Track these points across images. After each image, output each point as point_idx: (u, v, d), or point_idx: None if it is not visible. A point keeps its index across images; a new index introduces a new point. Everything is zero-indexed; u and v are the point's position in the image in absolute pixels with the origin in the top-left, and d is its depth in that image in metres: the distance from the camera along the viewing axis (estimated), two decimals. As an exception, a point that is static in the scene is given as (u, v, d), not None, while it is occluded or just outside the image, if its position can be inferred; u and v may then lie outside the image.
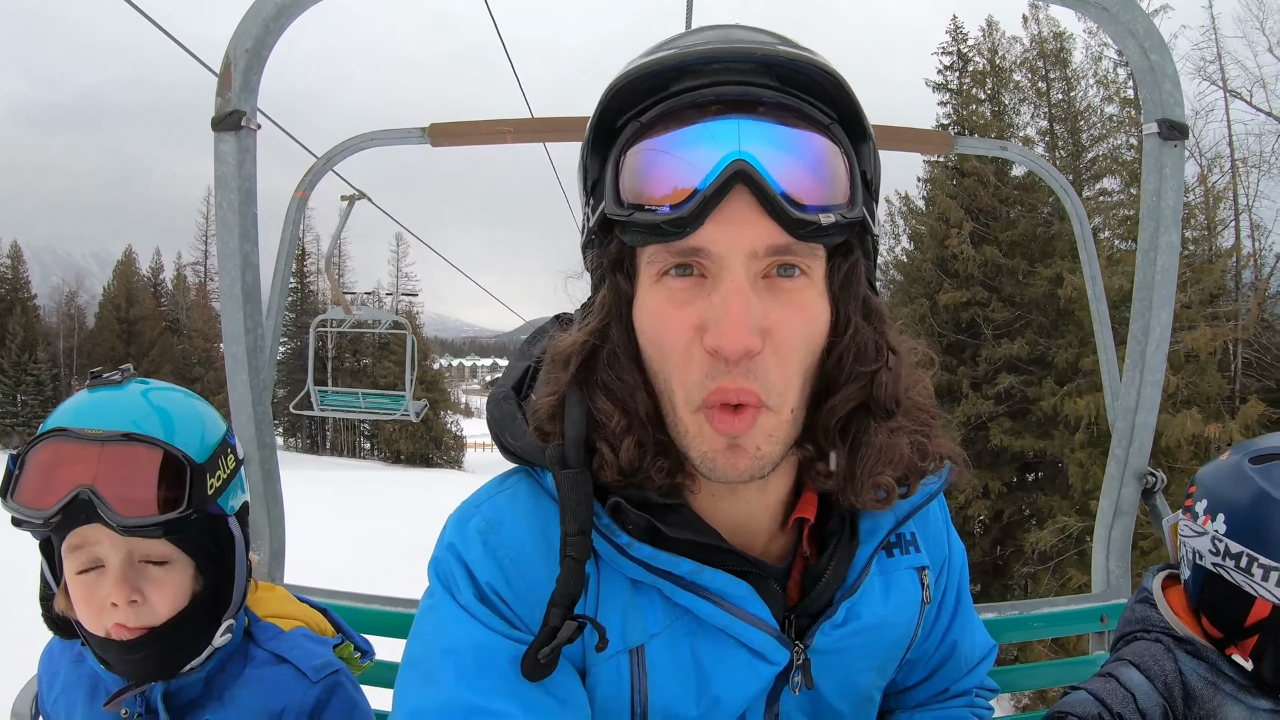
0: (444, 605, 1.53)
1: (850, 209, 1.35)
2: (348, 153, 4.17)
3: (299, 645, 2.16)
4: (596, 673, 1.52)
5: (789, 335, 1.35)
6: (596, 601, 1.52)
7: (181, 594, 1.96)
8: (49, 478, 1.83)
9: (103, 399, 1.94)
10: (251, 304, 3.02)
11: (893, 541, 1.70)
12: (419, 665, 1.51)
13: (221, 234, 2.96)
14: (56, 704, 2.17)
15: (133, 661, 1.93)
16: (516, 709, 1.40)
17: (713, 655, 1.52)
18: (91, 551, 1.89)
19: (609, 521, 1.48)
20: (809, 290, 1.38)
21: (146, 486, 1.84)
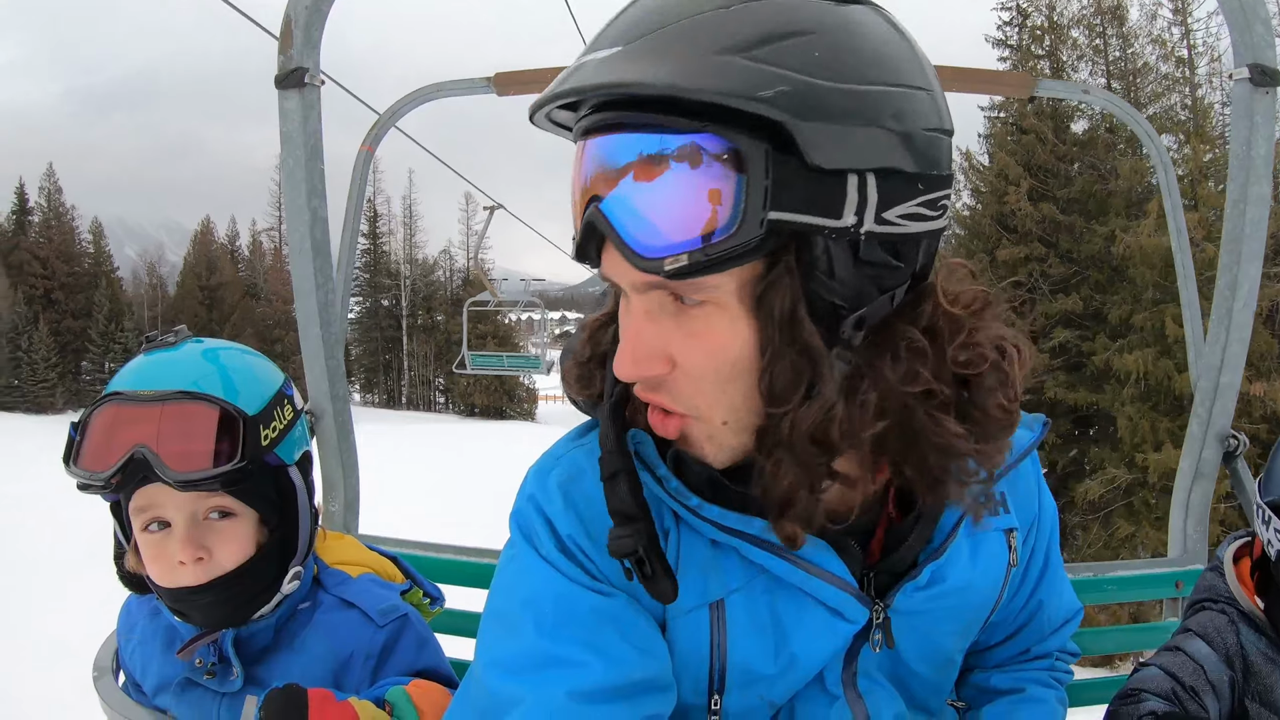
0: (525, 556, 1.50)
1: (725, 234, 1.13)
2: (414, 104, 4.12)
3: (366, 590, 2.16)
4: (675, 627, 1.49)
5: (692, 364, 1.29)
6: (677, 559, 1.47)
7: (247, 545, 1.97)
8: (107, 441, 1.84)
9: (157, 360, 1.95)
10: (321, 258, 3.01)
11: (982, 502, 1.57)
12: (500, 616, 1.50)
13: (289, 191, 2.96)
14: (134, 656, 2.20)
15: (203, 607, 1.95)
16: (596, 659, 1.37)
17: (791, 612, 1.47)
18: (156, 511, 1.91)
19: (679, 485, 1.43)
20: (715, 316, 1.24)
21: (201, 441, 1.85)
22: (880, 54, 1.18)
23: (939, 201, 1.23)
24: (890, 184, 1.16)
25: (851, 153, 1.13)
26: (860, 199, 1.14)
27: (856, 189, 1.14)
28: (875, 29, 1.20)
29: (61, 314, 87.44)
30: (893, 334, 1.26)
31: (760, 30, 1.12)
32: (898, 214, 1.18)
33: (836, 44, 1.15)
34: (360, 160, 4.20)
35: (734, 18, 1.14)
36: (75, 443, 1.89)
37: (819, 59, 1.12)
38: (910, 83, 1.20)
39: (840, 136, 1.12)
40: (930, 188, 1.21)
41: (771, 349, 1.22)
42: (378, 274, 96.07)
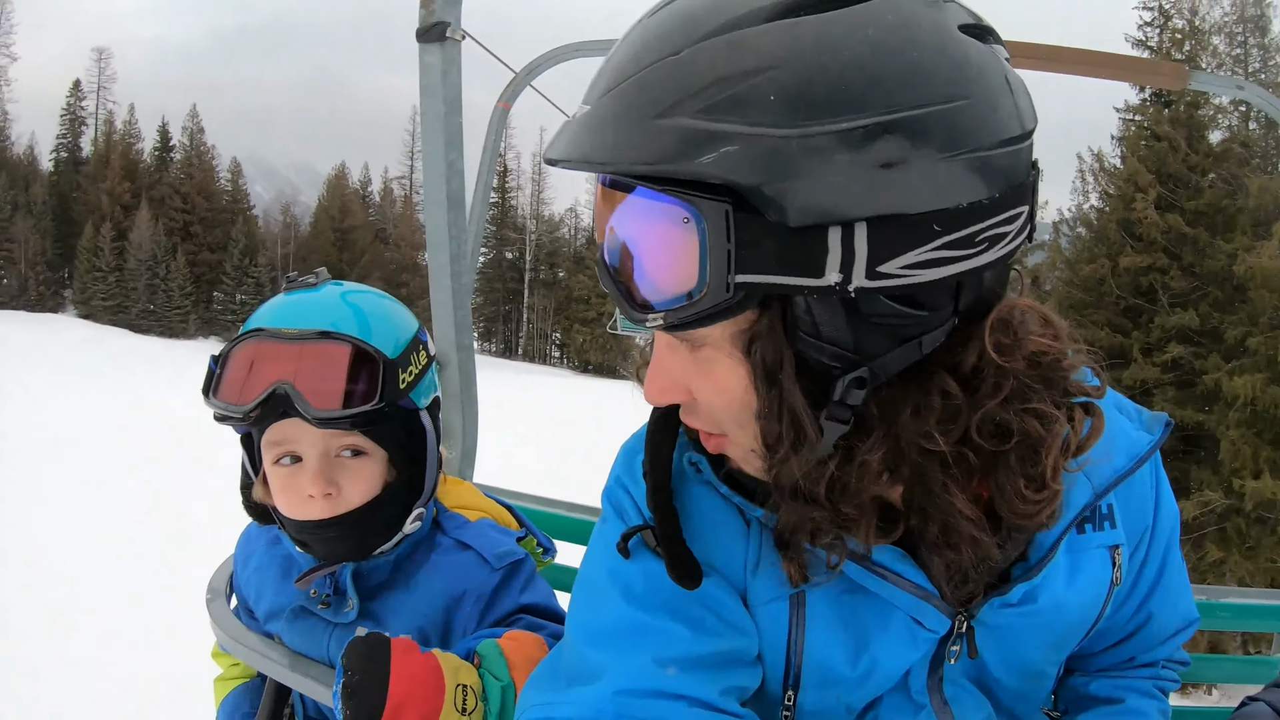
0: (615, 531, 1.49)
1: (694, 296, 1.06)
2: (551, 63, 4.11)
3: (483, 534, 2.16)
4: (757, 617, 1.45)
5: (705, 399, 1.26)
6: (759, 552, 1.43)
7: (375, 483, 1.99)
8: (248, 375, 1.87)
9: (299, 300, 1.97)
10: (455, 211, 3.03)
11: (1087, 516, 1.47)
12: (590, 585, 1.51)
13: (427, 143, 2.98)
14: (249, 583, 2.24)
15: (327, 541, 1.98)
16: (683, 627, 1.37)
17: (872, 616, 1.42)
18: (290, 446, 1.94)
19: (741, 500, 1.42)
20: (718, 358, 1.20)
21: (341, 380, 1.87)
22: (879, 70, 1.01)
23: (978, 236, 1.06)
24: (888, 232, 1.02)
25: (828, 204, 1.00)
26: (845, 254, 1.01)
27: (840, 243, 1.01)
28: (874, 36, 1.02)
29: (198, 246, 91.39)
30: (922, 380, 1.14)
31: (708, 77, 1.03)
32: (902, 265, 1.03)
33: (806, 75, 1.00)
34: (495, 116, 4.21)
35: (682, 67, 1.05)
36: (215, 375, 1.92)
37: (775, 103, 1.00)
38: (932, 98, 1.02)
39: (810, 188, 1.00)
40: (959, 224, 1.04)
41: (760, 400, 1.17)
42: (504, 227, 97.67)
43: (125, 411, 23.95)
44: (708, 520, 1.46)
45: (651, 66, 1.07)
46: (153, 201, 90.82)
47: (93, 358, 41.57)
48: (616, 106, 1.08)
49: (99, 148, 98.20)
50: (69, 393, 25.73)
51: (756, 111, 0.99)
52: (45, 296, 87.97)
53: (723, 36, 1.04)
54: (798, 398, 1.13)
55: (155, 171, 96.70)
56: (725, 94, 1.01)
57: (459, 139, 3.03)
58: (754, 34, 1.03)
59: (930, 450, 1.18)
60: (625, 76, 1.09)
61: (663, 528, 1.39)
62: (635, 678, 1.34)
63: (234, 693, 2.37)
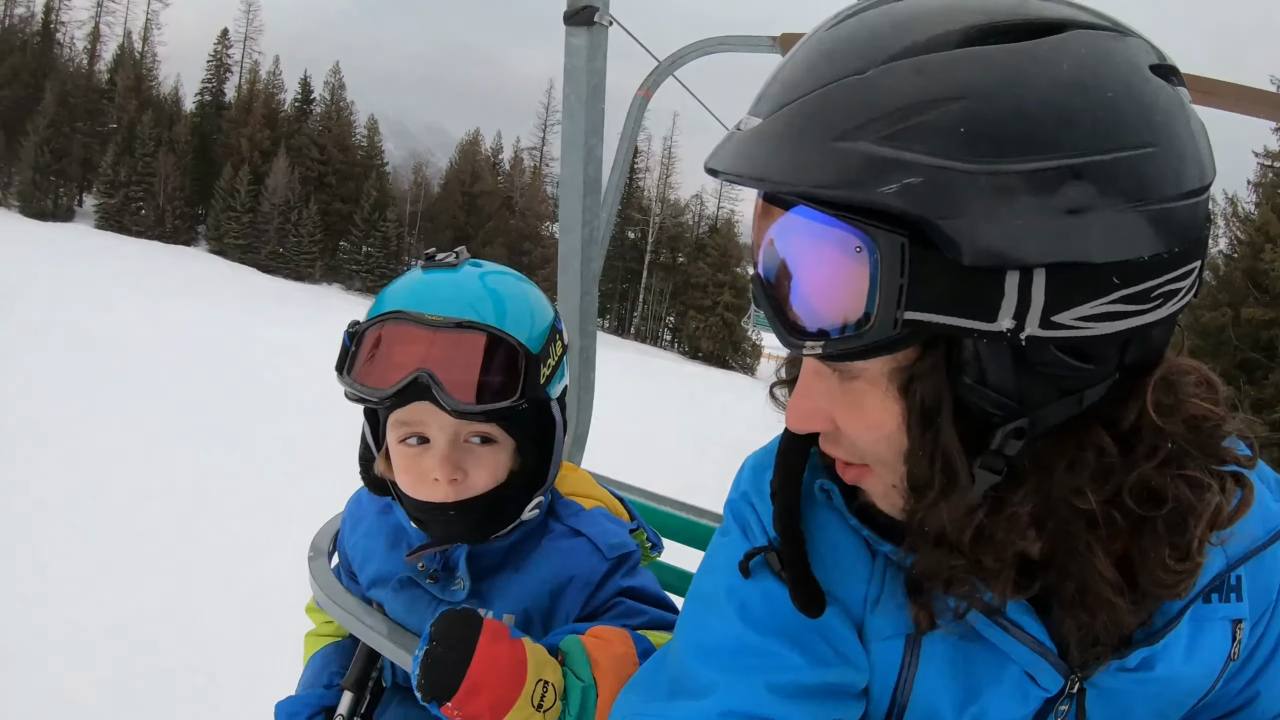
0: (736, 546, 1.47)
1: (859, 328, 1.02)
2: (694, 55, 4.06)
3: (597, 523, 2.15)
4: (870, 651, 1.42)
5: (849, 431, 1.22)
6: (881, 587, 1.40)
7: (501, 471, 1.98)
8: (387, 359, 1.86)
9: (439, 281, 1.94)
10: (591, 196, 3.02)
11: (1214, 586, 1.40)
12: (705, 598, 1.48)
13: (567, 126, 2.98)
14: (356, 547, 2.25)
15: (446, 524, 1.98)
16: (799, 656, 1.35)
17: (985, 666, 1.38)
18: (419, 428, 1.93)
19: (870, 533, 1.39)
20: (868, 392, 1.16)
21: (483, 373, 1.85)
22: (1072, 110, 0.96)
23: (1154, 291, 1.01)
24: (1068, 281, 0.97)
25: (1010, 246, 0.95)
26: (1021, 300, 0.96)
27: (1017, 288, 0.96)
28: (1069, 73, 0.97)
29: (331, 197, 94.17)
30: (1078, 435, 1.10)
31: (894, 102, 0.98)
32: (1078, 316, 0.98)
33: (997, 109, 0.95)
34: (635, 104, 4.18)
35: (868, 88, 1.00)
36: (351, 353, 1.91)
37: (963, 135, 0.94)
38: (1124, 144, 0.97)
39: (993, 229, 0.94)
40: (1138, 277, 0.99)
41: (912, 440, 1.13)
42: (629, 207, 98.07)
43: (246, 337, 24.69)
44: (833, 548, 1.43)
45: (833, 85, 1.03)
46: (291, 150, 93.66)
47: (224, 288, 43.06)
48: (793, 123, 1.04)
49: (242, 95, 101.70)
50: (199, 317, 26.67)
51: (943, 143, 0.95)
52: (180, 230, 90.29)
53: (910, 60, 1.00)
54: (954, 442, 1.09)
55: (294, 121, 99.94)
56: (911, 121, 0.96)
57: (600, 124, 3.03)
58: (943, 60, 0.99)
59: (1078, 508, 1.13)
60: (803, 92, 1.05)
61: (789, 552, 1.37)
62: (744, 700, 1.32)
63: (324, 650, 2.38)
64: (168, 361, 18.78)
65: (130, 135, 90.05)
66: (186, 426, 13.64)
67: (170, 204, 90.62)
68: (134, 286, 32.68)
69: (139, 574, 7.83)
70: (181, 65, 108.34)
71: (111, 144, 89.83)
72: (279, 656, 3.20)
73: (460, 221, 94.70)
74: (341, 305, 48.39)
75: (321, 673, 2.32)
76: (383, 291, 1.99)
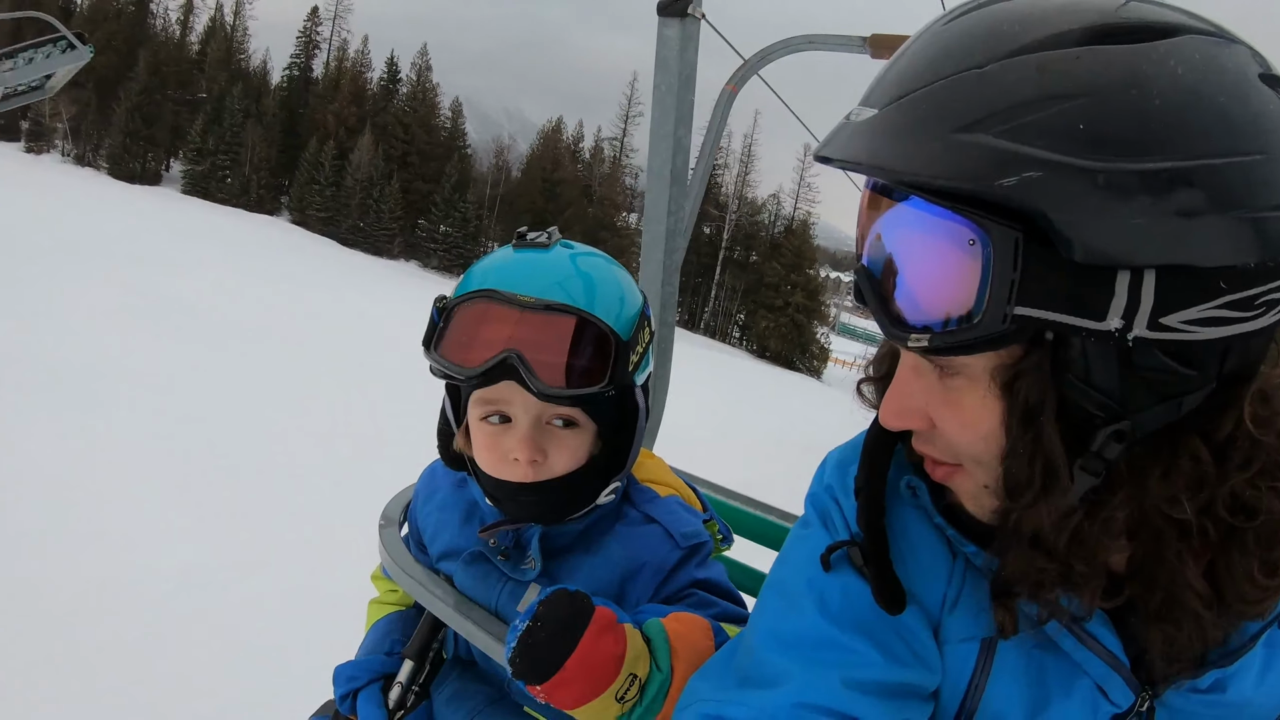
0: (818, 539, 1.46)
1: (966, 322, 1.03)
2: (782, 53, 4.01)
3: (671, 511, 2.10)
4: (943, 655, 1.40)
5: (946, 429, 1.22)
6: (959, 592, 1.39)
7: (581, 454, 1.95)
8: (475, 337, 1.83)
9: (531, 260, 1.91)
10: (678, 186, 3.00)
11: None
12: (783, 590, 1.46)
13: (657, 116, 2.96)
14: (429, 518, 2.23)
15: (522, 504, 1.96)
16: (876, 652, 1.33)
17: (1058, 678, 1.36)
18: (502, 406, 1.90)
19: (955, 533, 1.37)
20: (968, 390, 1.16)
21: (573, 356, 1.82)
22: (1187, 114, 0.96)
23: (1258, 299, 1.00)
24: (1176, 283, 0.97)
25: (1123, 246, 0.96)
26: (1131, 300, 0.97)
27: (1127, 288, 0.97)
28: (1187, 78, 0.98)
29: (413, 176, 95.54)
30: (1174, 442, 1.10)
31: (1015, 97, 0.99)
32: (1184, 319, 0.98)
33: (1116, 109, 0.96)
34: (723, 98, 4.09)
35: (988, 81, 1.01)
36: (438, 329, 1.88)
37: (1085, 133, 0.95)
38: (1234, 149, 0.97)
39: (1107, 227, 0.95)
40: (1244, 284, 0.99)
41: (1012, 439, 1.12)
42: (706, 202, 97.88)
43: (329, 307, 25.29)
44: (914, 546, 1.42)
45: (953, 77, 1.04)
46: (376, 128, 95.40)
47: (304, 259, 44.11)
48: (912, 114, 1.05)
49: (330, 71, 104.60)
50: (278, 283, 27.40)
51: (1063, 140, 0.95)
52: (264, 200, 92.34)
53: (1032, 56, 1.01)
54: (1056, 442, 1.09)
55: (380, 100, 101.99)
56: (1032, 117, 0.97)
57: (689, 115, 3.02)
58: (1064, 58, 0.99)
59: (1171, 517, 1.13)
60: (922, 83, 1.06)
61: (873, 548, 1.36)
62: (818, 693, 1.31)
63: (388, 618, 2.37)
64: (247, 322, 19.20)
65: (220, 105, 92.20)
66: (262, 388, 13.98)
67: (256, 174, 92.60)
68: (224, 248, 33.62)
69: (217, 530, 8.02)
70: (270, 38, 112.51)
71: (201, 113, 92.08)
72: (343, 620, 3.22)
73: (539, 206, 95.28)
74: (418, 281, 48.96)
75: (383, 640, 2.30)
76: (471, 268, 1.97)
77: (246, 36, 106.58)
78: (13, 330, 13.48)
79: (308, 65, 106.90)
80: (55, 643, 5.87)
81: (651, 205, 3.06)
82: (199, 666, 5.94)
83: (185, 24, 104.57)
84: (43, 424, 9.97)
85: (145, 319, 16.94)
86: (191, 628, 6.38)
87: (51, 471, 8.78)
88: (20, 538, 7.14)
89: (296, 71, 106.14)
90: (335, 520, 8.38)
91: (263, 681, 5.67)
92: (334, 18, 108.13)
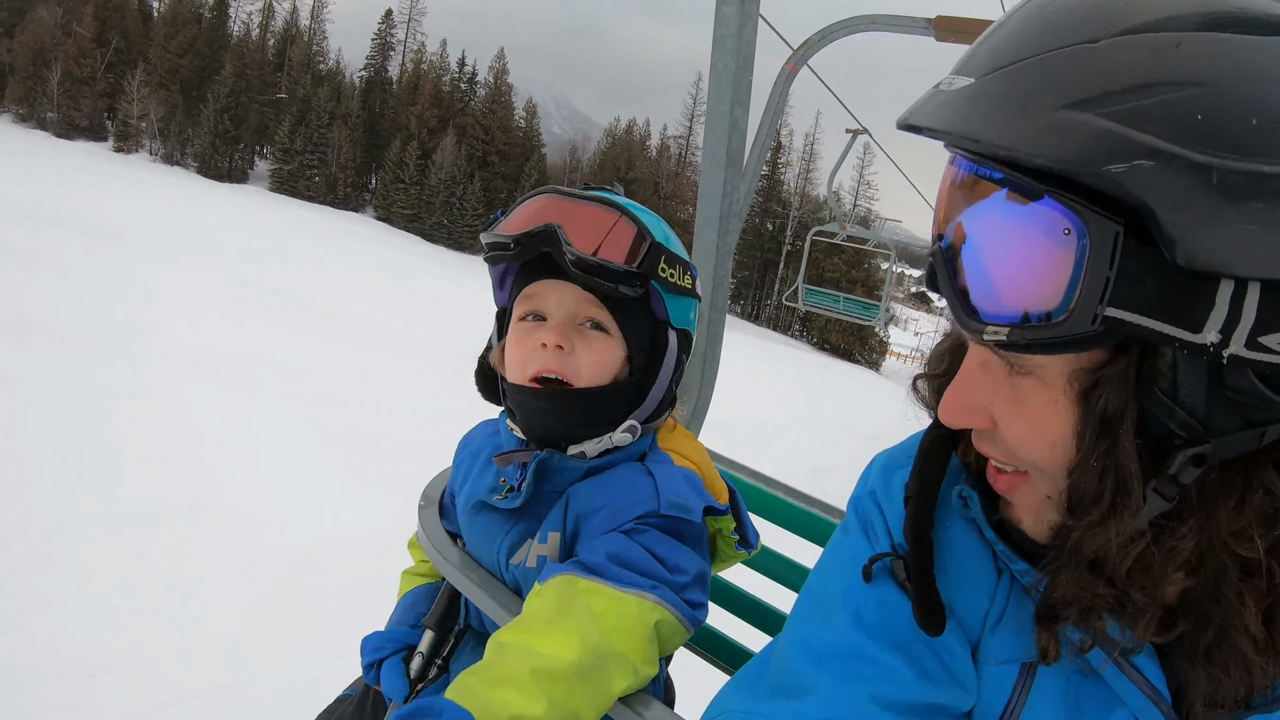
0: (857, 546, 1.40)
1: (1052, 318, 0.93)
2: (844, 32, 3.91)
3: (674, 479, 2.00)
4: (981, 674, 1.31)
5: (1009, 431, 1.11)
6: (1002, 612, 1.29)
7: (607, 365, 1.97)
8: (525, 217, 1.93)
9: (591, 191, 2.03)
10: (733, 168, 2.91)
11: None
12: (819, 597, 1.40)
13: (714, 95, 2.85)
14: (461, 465, 2.27)
15: (540, 411, 1.97)
16: (909, 669, 1.25)
17: (1095, 706, 1.25)
18: (539, 303, 1.97)
19: (1005, 549, 1.25)
20: (1038, 392, 1.05)
21: (606, 235, 1.90)
22: None
23: None
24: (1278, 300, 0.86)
25: (1230, 253, 0.85)
26: (1231, 313, 0.86)
27: (1229, 300, 0.86)
28: None
29: (494, 175, 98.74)
30: (1248, 474, 0.98)
31: (1129, 78, 0.87)
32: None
33: (1236, 102, 0.84)
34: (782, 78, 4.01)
35: (1100, 58, 0.90)
36: (495, 220, 2.00)
37: (1203, 124, 0.84)
38: None
39: (1217, 230, 0.84)
40: None
41: (1084, 450, 1.02)
42: (770, 200, 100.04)
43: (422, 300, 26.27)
44: (960, 559, 1.33)
45: (1060, 50, 0.92)
46: (457, 129, 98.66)
47: (394, 254, 46.17)
48: (1014, 85, 0.94)
49: (408, 74, 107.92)
50: (374, 273, 28.64)
51: (1177, 130, 0.84)
52: (350, 197, 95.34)
53: (1147, 35, 0.89)
54: (1133, 458, 0.98)
55: (459, 100, 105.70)
56: (1148, 100, 0.86)
57: (746, 96, 2.88)
58: (1184, 41, 0.88)
59: (1236, 553, 1.01)
60: (1027, 54, 0.95)
61: (918, 563, 1.27)
62: (847, 708, 1.24)
63: (416, 590, 2.36)
64: (350, 310, 19.97)
65: (306, 107, 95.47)
66: (378, 372, 15.03)
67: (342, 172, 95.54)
68: (319, 242, 35.03)
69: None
70: (341, 39, 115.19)
71: (287, 114, 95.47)
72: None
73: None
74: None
75: (409, 612, 2.30)
76: None
77: (325, 40, 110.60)
78: (149, 318, 14.70)
79: (383, 67, 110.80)
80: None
81: (707, 186, 2.93)
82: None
83: (265, 27, 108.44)
84: (196, 405, 10.98)
85: (256, 308, 17.64)
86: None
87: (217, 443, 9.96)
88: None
89: (371, 73, 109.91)
90: (396, 491, 8.87)
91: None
92: (408, 20, 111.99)
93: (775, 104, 3.98)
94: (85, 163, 54.60)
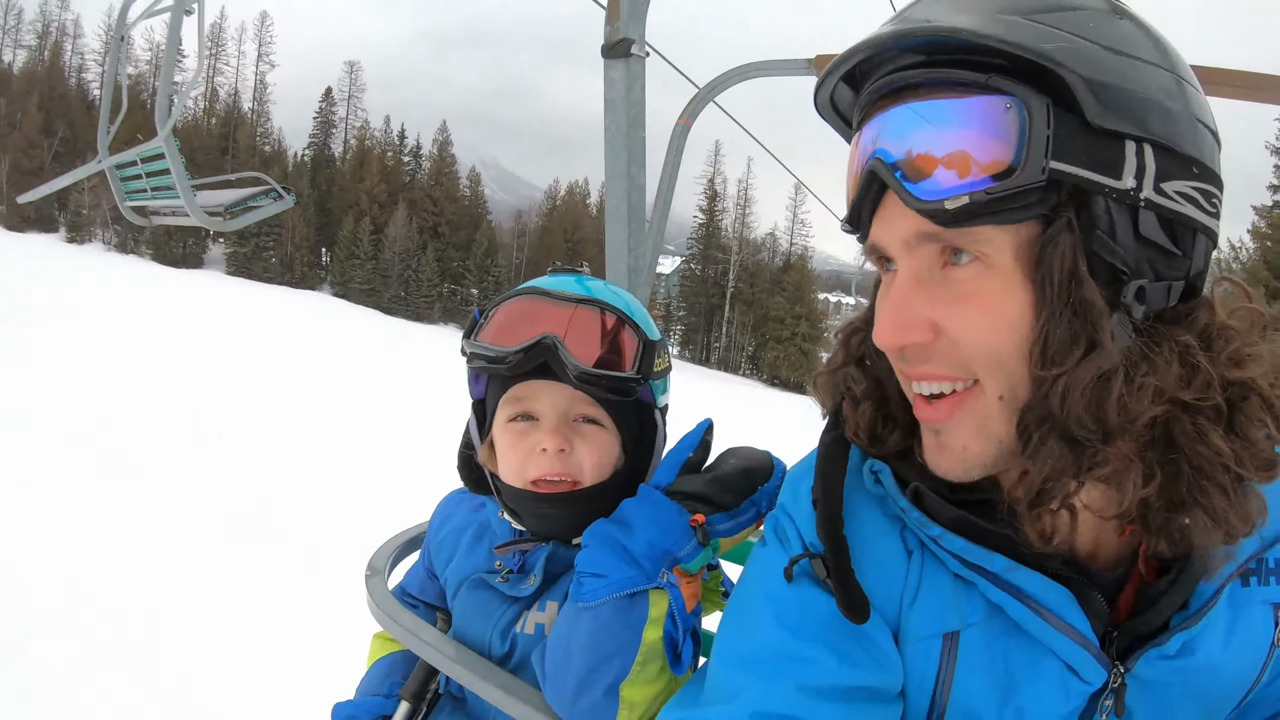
0: (773, 555, 1.44)
1: (1006, 178, 1.07)
2: (731, 82, 3.95)
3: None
4: (907, 653, 1.35)
5: (960, 330, 1.17)
6: (917, 589, 1.35)
7: (607, 459, 1.92)
8: (514, 327, 1.85)
9: (566, 278, 1.99)
10: (635, 224, 2.96)
11: (1252, 568, 1.33)
12: (741, 610, 1.44)
13: (610, 156, 2.90)
14: (443, 544, 2.17)
15: (542, 515, 1.92)
16: (831, 657, 1.30)
17: (1024, 662, 1.29)
18: (529, 405, 1.90)
19: (919, 516, 1.32)
20: (986, 278, 1.14)
21: (604, 344, 1.85)
22: (1150, 40, 1.14)
23: (1212, 198, 1.14)
24: (1166, 158, 1.09)
25: (1129, 118, 1.07)
26: (1139, 164, 1.07)
27: (1135, 154, 1.07)
28: (1141, 24, 1.16)
29: (445, 245, 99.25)
30: (1167, 334, 1.13)
31: (1039, 1, 1.11)
32: (1175, 189, 1.09)
33: (1110, 21, 1.12)
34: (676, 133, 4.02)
35: None
36: (479, 324, 1.92)
37: (1095, 29, 1.09)
38: (1181, 73, 1.15)
39: (1118, 100, 1.06)
40: (1204, 177, 1.13)
41: (1048, 310, 1.11)
42: (710, 247, 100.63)
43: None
44: (869, 548, 1.38)
45: None
46: (407, 202, 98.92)
47: (360, 327, 46.50)
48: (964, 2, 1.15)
49: (353, 150, 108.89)
50: (325, 356, 28.95)
51: (1081, 30, 1.09)
52: (306, 275, 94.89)
53: None
54: (1097, 295, 1.09)
55: (405, 175, 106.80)
56: (1054, 14, 1.10)
57: (641, 153, 2.95)
58: None
59: (1181, 401, 1.13)
60: None
61: (835, 559, 1.33)
62: (774, 701, 1.28)
63: (389, 658, 2.28)
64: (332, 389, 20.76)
65: None
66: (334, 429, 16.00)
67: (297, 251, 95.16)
68: (287, 321, 35.09)
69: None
70: (281, 119, 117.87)
71: None
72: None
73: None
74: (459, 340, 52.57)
75: (383, 681, 2.22)
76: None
77: (268, 121, 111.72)
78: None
79: (325, 144, 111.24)
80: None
81: (612, 245, 2.98)
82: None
83: (209, 111, 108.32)
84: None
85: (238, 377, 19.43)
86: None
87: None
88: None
89: (314, 151, 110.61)
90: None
91: None
92: (348, 98, 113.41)
93: (673, 159, 4.02)
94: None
